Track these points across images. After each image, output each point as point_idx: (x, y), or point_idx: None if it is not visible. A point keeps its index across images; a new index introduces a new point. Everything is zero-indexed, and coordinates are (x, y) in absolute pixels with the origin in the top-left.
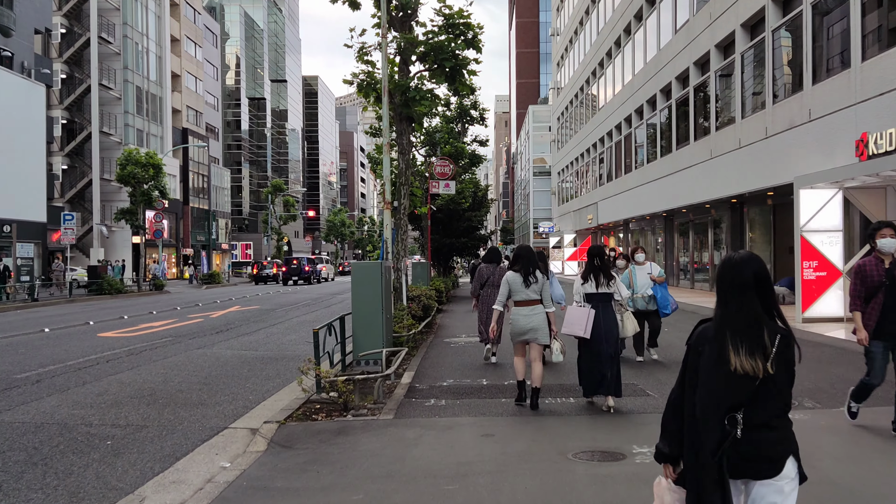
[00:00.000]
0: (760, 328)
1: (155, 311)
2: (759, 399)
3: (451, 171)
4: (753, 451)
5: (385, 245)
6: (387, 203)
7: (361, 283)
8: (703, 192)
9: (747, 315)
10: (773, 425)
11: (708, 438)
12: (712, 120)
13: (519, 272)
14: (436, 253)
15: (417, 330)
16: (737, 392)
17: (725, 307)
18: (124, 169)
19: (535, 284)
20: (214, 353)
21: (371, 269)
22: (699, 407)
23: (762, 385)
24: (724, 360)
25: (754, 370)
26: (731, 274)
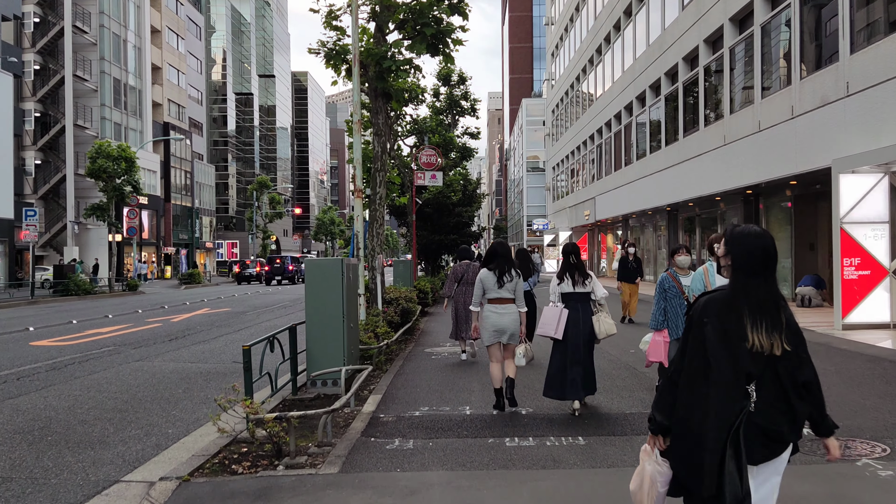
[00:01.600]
0: (779, 305)
1: (113, 314)
2: (766, 376)
3: (439, 161)
4: (766, 428)
5: (355, 239)
6: (358, 191)
7: (317, 286)
8: (714, 182)
9: (770, 292)
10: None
11: (723, 410)
12: (726, 102)
13: (493, 271)
14: (423, 250)
15: (392, 340)
16: (749, 364)
17: (747, 282)
18: (94, 163)
19: (510, 283)
20: (153, 367)
21: (329, 267)
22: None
23: (773, 361)
24: (741, 336)
25: (772, 347)
26: (756, 248)
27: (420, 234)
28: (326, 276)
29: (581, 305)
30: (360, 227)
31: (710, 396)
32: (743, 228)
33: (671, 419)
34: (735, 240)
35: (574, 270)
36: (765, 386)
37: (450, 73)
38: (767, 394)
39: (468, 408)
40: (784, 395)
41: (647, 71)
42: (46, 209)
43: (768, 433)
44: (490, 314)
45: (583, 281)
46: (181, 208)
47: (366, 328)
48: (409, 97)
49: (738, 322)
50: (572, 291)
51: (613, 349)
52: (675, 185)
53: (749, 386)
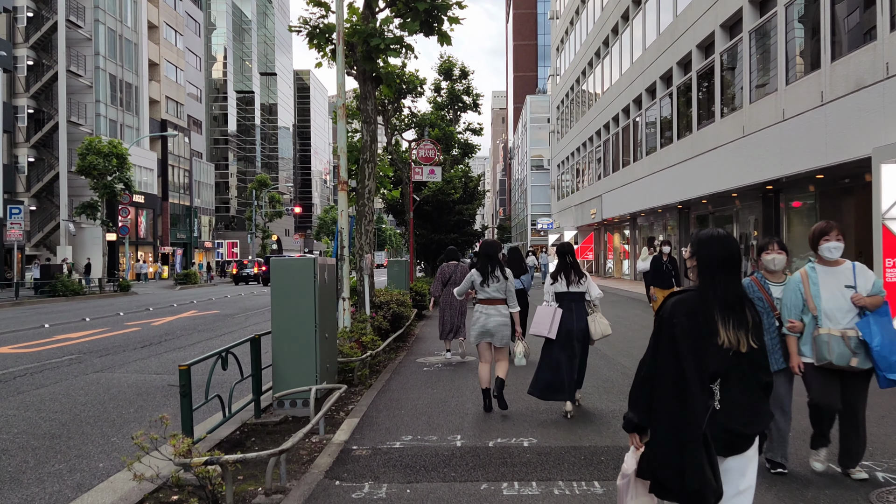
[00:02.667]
0: (744, 304)
1: (93, 317)
2: (734, 373)
3: (438, 155)
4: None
5: (339, 237)
6: (341, 183)
7: (285, 290)
8: (732, 177)
9: (735, 291)
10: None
11: (694, 408)
12: (745, 91)
13: (479, 270)
14: (422, 250)
15: (378, 350)
16: (717, 363)
17: (714, 282)
18: (84, 159)
19: (497, 284)
20: (112, 380)
21: (298, 268)
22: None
23: (737, 359)
24: (712, 333)
25: (739, 343)
26: (722, 250)
27: (419, 233)
28: (295, 279)
29: (575, 305)
30: (345, 223)
31: (682, 396)
32: (708, 231)
33: (643, 417)
34: (702, 243)
35: (569, 270)
36: (730, 384)
37: (451, 66)
38: (732, 392)
39: (459, 437)
40: (749, 393)
41: (657, 61)
42: (40, 207)
43: (731, 430)
44: (478, 314)
45: (578, 280)
46: (180, 207)
47: (350, 336)
48: (407, 88)
49: (707, 320)
50: (566, 291)
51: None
52: (687, 182)
53: (713, 385)
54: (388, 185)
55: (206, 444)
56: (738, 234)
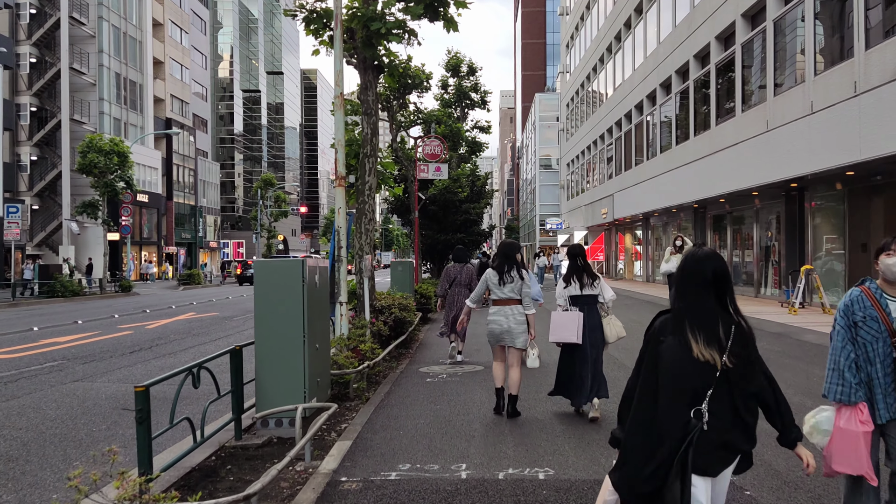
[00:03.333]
0: (715, 322)
1: (86, 319)
2: (719, 392)
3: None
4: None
5: (336, 237)
6: (339, 178)
7: (269, 296)
8: (753, 175)
9: (702, 308)
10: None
11: (672, 426)
12: (769, 83)
13: (496, 270)
14: (428, 251)
15: (376, 360)
16: (698, 378)
17: (685, 299)
18: (85, 157)
19: (513, 284)
20: (90, 391)
21: (285, 271)
22: (664, 395)
23: (723, 377)
24: (687, 347)
25: (713, 359)
26: (691, 270)
27: (425, 233)
28: (281, 283)
29: (588, 308)
30: (343, 221)
31: (661, 415)
32: (688, 252)
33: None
34: (681, 263)
35: (581, 272)
36: (718, 400)
37: (459, 63)
38: (720, 407)
39: (465, 466)
40: (736, 410)
41: (672, 55)
42: (42, 207)
43: (725, 445)
44: (493, 316)
45: (591, 283)
46: (185, 207)
47: (347, 344)
48: (412, 83)
49: (683, 337)
50: (580, 294)
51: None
52: (704, 180)
53: (702, 405)
54: (391, 181)
55: (172, 474)
56: (758, 235)
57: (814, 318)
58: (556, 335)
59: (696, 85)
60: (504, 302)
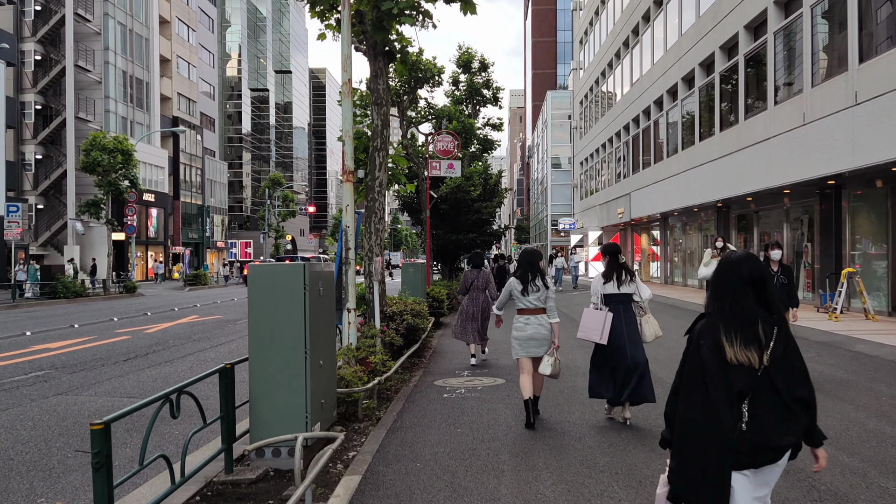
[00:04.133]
0: (755, 323)
1: (84, 322)
2: (761, 391)
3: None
4: (758, 441)
5: (343, 237)
6: (347, 173)
7: (265, 306)
8: (786, 172)
9: (743, 310)
10: (778, 414)
11: (716, 427)
12: (806, 74)
13: (519, 279)
14: (439, 251)
15: (388, 374)
16: (737, 381)
17: (721, 302)
18: (88, 155)
19: (537, 293)
20: (75, 405)
21: (283, 278)
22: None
23: (764, 377)
24: (721, 351)
25: (750, 361)
26: (728, 272)
27: (435, 233)
28: (279, 291)
29: (624, 307)
30: (351, 220)
31: (707, 415)
32: (724, 256)
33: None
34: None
35: (620, 270)
36: (760, 401)
37: (470, 59)
38: (762, 409)
39: None
40: (780, 409)
41: (696, 47)
42: (47, 206)
43: (759, 445)
44: (521, 325)
45: (629, 280)
46: (192, 206)
47: (356, 356)
48: (423, 77)
49: (717, 340)
50: (616, 292)
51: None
52: (730, 177)
53: (742, 405)
54: (403, 177)
55: None
56: (787, 235)
57: (859, 326)
58: (583, 333)
59: (722, 77)
60: (530, 311)
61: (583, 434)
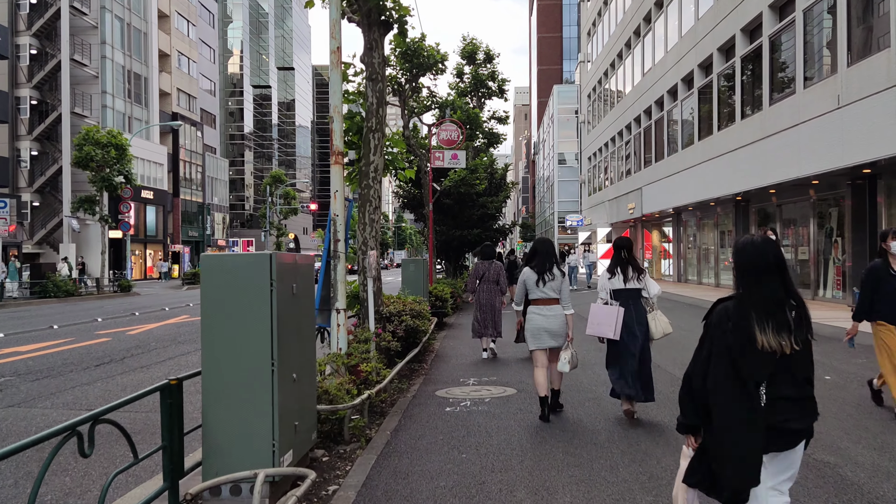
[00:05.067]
0: (784, 308)
1: (65, 323)
2: (779, 374)
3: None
4: (774, 423)
5: (332, 227)
6: (336, 154)
7: (221, 307)
8: (816, 160)
9: (773, 296)
10: (795, 398)
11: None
12: (841, 52)
13: (534, 269)
14: (443, 248)
15: (381, 385)
16: (764, 366)
17: (750, 288)
18: (81, 150)
19: (553, 283)
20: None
21: (244, 272)
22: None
23: (781, 361)
24: (752, 339)
25: (781, 347)
26: (756, 257)
27: (439, 228)
28: (239, 289)
29: (633, 303)
30: (341, 208)
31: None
32: (745, 238)
33: (691, 418)
34: (738, 251)
35: (626, 265)
36: (776, 384)
37: (475, 50)
38: (778, 391)
39: None
40: (795, 393)
41: (714, 31)
42: (43, 203)
43: (775, 427)
44: (534, 316)
45: (637, 277)
46: (192, 204)
47: (346, 363)
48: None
49: (746, 327)
50: (623, 288)
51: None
52: (752, 168)
53: (760, 388)
54: (402, 163)
55: None
56: (814, 230)
57: None
58: (593, 329)
59: (743, 62)
60: (543, 301)
61: (615, 462)
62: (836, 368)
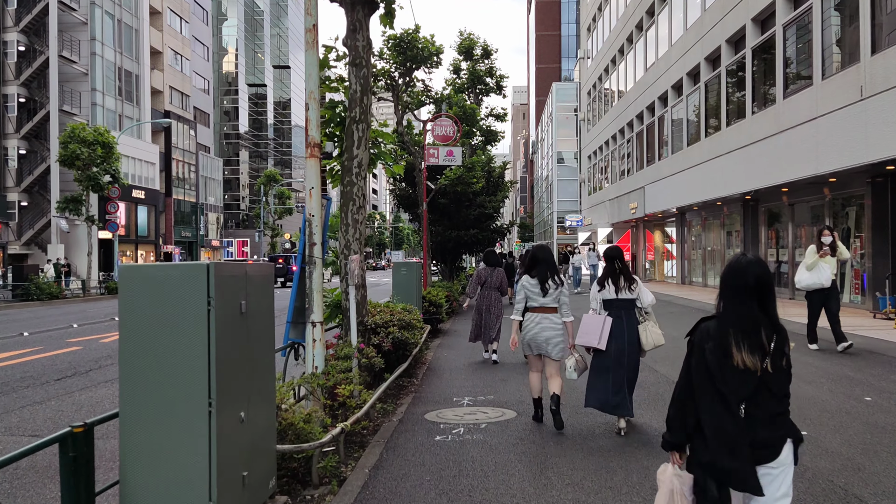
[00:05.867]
0: (759, 329)
1: (37, 329)
2: (758, 395)
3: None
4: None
5: (307, 229)
6: (311, 146)
7: (146, 330)
8: (837, 156)
9: (748, 317)
10: (772, 419)
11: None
12: (865, 39)
13: (535, 278)
14: (439, 249)
15: (358, 415)
16: (742, 385)
17: (729, 307)
18: (66, 148)
19: (553, 291)
20: None
21: (172, 286)
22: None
23: (761, 382)
24: (728, 355)
25: (754, 366)
26: (735, 277)
27: (434, 229)
28: (167, 309)
29: (625, 313)
30: (317, 207)
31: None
32: (733, 259)
33: (677, 435)
34: (725, 269)
35: (617, 276)
36: (757, 403)
37: (472, 45)
38: (758, 409)
39: None
40: (773, 409)
41: (722, 22)
42: (31, 203)
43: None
44: (530, 324)
45: (628, 287)
46: (185, 204)
47: (322, 385)
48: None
49: (723, 344)
50: (615, 298)
51: None
52: (764, 165)
53: (740, 406)
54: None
55: None
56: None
57: None
58: (581, 338)
59: (754, 53)
60: (541, 310)
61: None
62: (877, 388)
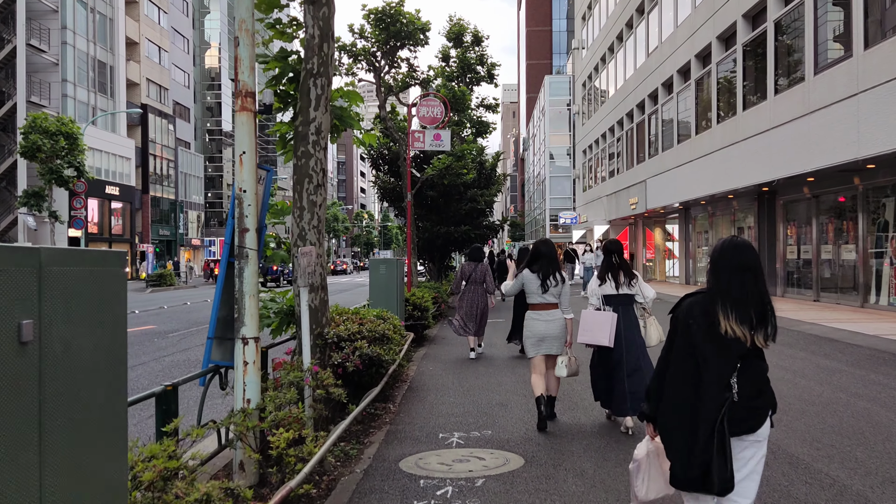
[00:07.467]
0: (748, 304)
1: None
2: (747, 370)
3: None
4: (746, 414)
5: (237, 210)
6: (241, 95)
7: None
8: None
9: (738, 290)
10: (760, 391)
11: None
12: None
13: (536, 273)
14: (426, 246)
15: (298, 478)
16: (730, 358)
17: (723, 282)
18: (27, 139)
19: (554, 288)
20: None
21: None
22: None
23: (749, 356)
24: (716, 324)
25: (743, 336)
26: (730, 255)
27: (421, 225)
28: None
29: (624, 309)
30: (250, 178)
31: (698, 391)
32: (725, 241)
33: (654, 408)
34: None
35: (617, 270)
36: (744, 373)
37: (462, 31)
38: (747, 379)
39: None
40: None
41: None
42: None
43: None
44: (534, 322)
45: (628, 282)
46: (164, 201)
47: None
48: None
49: (712, 312)
50: (615, 293)
51: None
52: (787, 153)
53: (731, 378)
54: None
55: None
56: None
57: None
58: (585, 336)
59: (777, 28)
60: (542, 307)
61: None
62: None
